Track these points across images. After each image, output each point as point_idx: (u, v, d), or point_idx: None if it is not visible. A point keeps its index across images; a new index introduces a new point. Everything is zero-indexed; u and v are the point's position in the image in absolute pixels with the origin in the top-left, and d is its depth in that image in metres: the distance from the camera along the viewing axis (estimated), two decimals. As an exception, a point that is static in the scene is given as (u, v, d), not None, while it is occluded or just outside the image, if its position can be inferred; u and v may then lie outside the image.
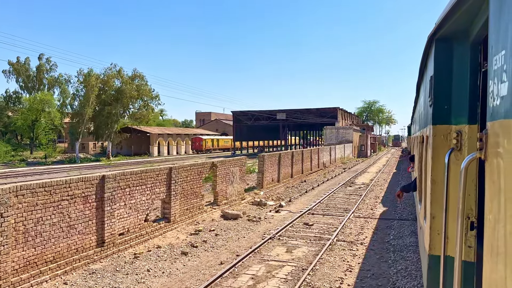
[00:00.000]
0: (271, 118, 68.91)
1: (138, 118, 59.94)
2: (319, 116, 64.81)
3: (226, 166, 15.29)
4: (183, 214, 12.38)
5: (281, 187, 22.10)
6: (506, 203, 1.12)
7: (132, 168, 12.27)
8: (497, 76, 1.25)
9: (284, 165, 22.91)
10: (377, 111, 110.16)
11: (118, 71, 57.45)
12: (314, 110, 66.27)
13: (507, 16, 1.16)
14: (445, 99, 2.94)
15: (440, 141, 3.01)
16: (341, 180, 26.53)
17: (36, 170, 35.09)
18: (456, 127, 2.87)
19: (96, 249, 9.08)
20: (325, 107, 65.31)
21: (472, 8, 2.16)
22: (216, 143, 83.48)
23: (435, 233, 3.11)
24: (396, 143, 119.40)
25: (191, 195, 12.83)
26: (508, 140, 1.12)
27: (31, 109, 52.80)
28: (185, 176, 12.45)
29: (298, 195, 19.78)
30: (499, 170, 1.22)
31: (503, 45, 1.19)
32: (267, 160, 19.97)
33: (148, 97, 59.93)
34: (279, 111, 67.93)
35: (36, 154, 57.42)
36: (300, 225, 13.17)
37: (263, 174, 19.39)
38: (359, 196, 19.53)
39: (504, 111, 1.15)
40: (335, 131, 52.43)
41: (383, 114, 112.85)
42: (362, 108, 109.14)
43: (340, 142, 51.09)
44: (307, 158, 28.42)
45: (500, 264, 1.15)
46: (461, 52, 2.83)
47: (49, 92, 58.21)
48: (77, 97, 53.70)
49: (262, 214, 14.93)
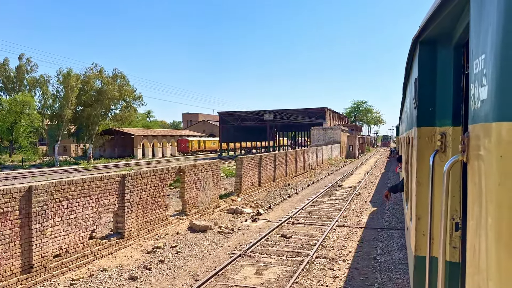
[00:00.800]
0: (258, 119, 67.33)
1: (120, 120, 58.07)
2: (306, 117, 63.47)
3: (196, 171, 13.71)
4: (141, 228, 10.77)
5: (262, 192, 20.58)
6: (487, 205, 1.14)
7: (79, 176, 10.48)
8: (478, 79, 1.27)
9: (266, 168, 21.40)
10: (365, 111, 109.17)
11: (99, 71, 55.54)
12: (302, 110, 64.86)
13: (486, 21, 1.18)
14: (430, 101, 2.95)
15: (424, 143, 3.02)
16: (327, 183, 25.13)
17: (7, 175, 32.98)
18: (440, 129, 2.89)
19: (21, 276, 7.43)
20: (312, 107, 63.97)
21: (454, 12, 2.15)
22: (203, 145, 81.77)
23: (421, 234, 3.11)
24: (384, 143, 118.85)
25: (152, 205, 11.24)
26: (489, 143, 1.15)
27: (10, 111, 50.52)
28: (144, 184, 10.84)
29: (279, 201, 18.29)
30: (480, 172, 1.26)
31: (483, 49, 1.22)
32: (246, 163, 18.43)
33: (131, 98, 58.11)
34: (266, 112, 66.39)
35: (15, 157, 55.25)
36: (277, 237, 11.67)
37: (241, 178, 17.84)
38: (345, 201, 18.12)
39: (485, 114, 1.18)
40: (322, 131, 51.12)
41: (371, 114, 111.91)
42: (351, 108, 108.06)
43: (328, 143, 49.79)
44: (292, 160, 26.96)
45: (482, 265, 1.18)
46: (444, 55, 2.84)
47: (29, 93, 55.81)
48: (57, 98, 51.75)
49: (236, 224, 13.40)
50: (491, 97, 1.10)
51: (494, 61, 1.08)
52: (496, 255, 1.05)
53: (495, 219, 1.06)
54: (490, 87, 1.11)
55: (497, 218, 1.05)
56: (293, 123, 66.62)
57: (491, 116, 1.10)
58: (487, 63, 1.14)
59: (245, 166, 18.29)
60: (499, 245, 1.03)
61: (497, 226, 1.05)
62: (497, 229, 1.05)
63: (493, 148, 1.10)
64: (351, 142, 56.47)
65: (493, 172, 1.09)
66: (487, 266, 1.12)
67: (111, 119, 57.81)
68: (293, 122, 65.60)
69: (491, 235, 1.08)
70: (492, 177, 1.10)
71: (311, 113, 63.21)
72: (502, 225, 1.03)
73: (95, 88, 54.53)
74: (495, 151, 1.08)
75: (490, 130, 1.11)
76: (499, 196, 1.05)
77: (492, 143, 1.10)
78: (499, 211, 1.04)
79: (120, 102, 58.20)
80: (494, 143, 1.09)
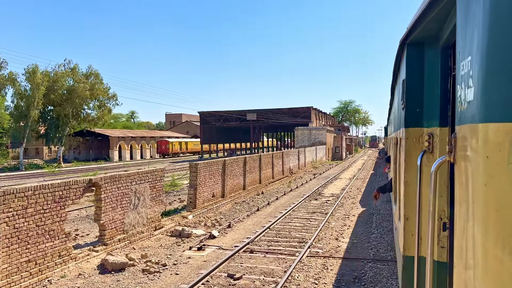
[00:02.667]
0: (241, 119, 63.91)
1: (91, 120, 54.31)
2: (292, 117, 60.32)
3: (122, 184, 10.32)
4: (17, 271, 7.38)
5: (227, 204, 17.24)
6: (474, 205, 1.15)
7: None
8: (464, 81, 1.28)
9: (233, 175, 18.07)
10: (353, 112, 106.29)
11: (73, 68, 51.66)
12: (286, 110, 61.68)
13: (472, 23, 1.17)
14: (417, 102, 2.96)
15: (412, 144, 3.05)
16: (307, 190, 21.94)
17: None
18: (428, 130, 2.90)
19: None
20: (297, 107, 60.81)
21: (441, 14, 2.17)
22: (185, 146, 78.21)
23: (409, 234, 3.12)
24: (373, 144, 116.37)
25: (40, 236, 7.85)
26: (475, 143, 1.15)
27: (-27, 112, 46.34)
28: (23, 206, 7.45)
29: (245, 216, 15.00)
30: (467, 173, 1.26)
31: (469, 51, 1.21)
32: (203, 170, 15.06)
33: (104, 97, 54.36)
34: (249, 111, 62.98)
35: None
36: (222, 278, 8.37)
37: (196, 189, 14.46)
38: (323, 216, 14.91)
39: (471, 115, 1.18)
40: (307, 132, 48.02)
41: (359, 114, 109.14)
42: (338, 108, 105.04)
43: (312, 144, 46.72)
44: (268, 164, 23.68)
45: (469, 263, 1.18)
46: (432, 57, 2.86)
47: (-1, 92, 51.47)
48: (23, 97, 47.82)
49: (174, 255, 10.05)
50: (478, 99, 1.11)
51: (480, 63, 1.09)
52: (483, 254, 1.06)
53: (482, 219, 1.08)
54: (476, 89, 1.12)
55: (483, 218, 1.07)
56: (278, 123, 63.42)
57: (477, 117, 1.11)
58: (473, 64, 1.15)
59: (202, 174, 14.93)
60: (486, 244, 1.04)
61: (484, 225, 1.06)
62: (483, 229, 1.06)
63: (480, 148, 1.11)
64: (337, 143, 53.50)
65: (480, 173, 1.10)
66: (474, 265, 1.13)
67: (82, 119, 53.94)
68: (278, 122, 62.39)
69: (478, 234, 1.10)
70: (478, 178, 1.11)
71: (296, 113, 60.07)
72: (488, 225, 1.04)
73: (66, 87, 50.68)
74: (481, 151, 1.09)
75: (476, 131, 1.13)
76: (485, 196, 1.06)
77: (479, 144, 1.11)
78: (486, 211, 1.05)
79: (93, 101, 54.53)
80: (480, 144, 1.10)
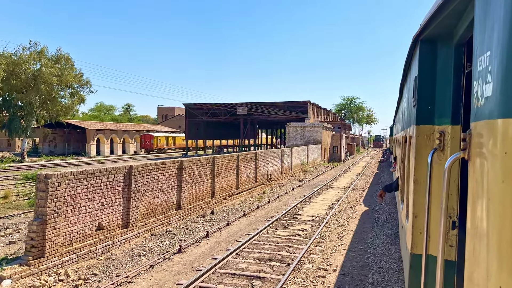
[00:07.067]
0: (230, 113, 57.52)
1: (60, 110, 48.20)
2: (287, 111, 53.87)
3: None
4: None
5: (133, 238, 10.97)
6: (489, 203, 1.13)
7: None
8: (482, 77, 1.26)
9: (152, 189, 11.78)
10: (356, 109, 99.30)
11: (40, 51, 45.46)
12: (281, 104, 55.10)
13: (492, 17, 1.16)
14: (429, 99, 2.94)
15: (423, 141, 3.02)
16: (280, 208, 15.64)
17: None
18: (439, 128, 2.88)
19: None
20: (293, 101, 54.13)
21: (457, 10, 2.14)
22: (172, 142, 71.94)
23: (417, 232, 3.10)
24: (377, 144, 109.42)
25: None
26: (493, 139, 1.13)
27: None
28: None
29: (144, 269, 8.78)
30: (483, 170, 1.23)
31: (488, 46, 1.19)
32: (70, 184, 8.76)
33: (75, 83, 48.17)
34: (240, 105, 56.56)
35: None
36: None
37: (45, 224, 8.05)
38: (284, 268, 8.62)
39: (489, 111, 1.16)
40: (300, 128, 41.61)
41: (363, 112, 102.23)
42: (341, 105, 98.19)
43: (307, 143, 40.39)
44: (229, 170, 17.34)
45: (482, 263, 1.16)
46: (445, 54, 2.84)
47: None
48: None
49: None
50: (496, 94, 1.09)
51: (500, 58, 1.07)
52: (498, 252, 1.03)
53: (498, 216, 1.05)
54: (495, 84, 1.10)
55: (499, 215, 1.04)
56: (272, 118, 56.95)
57: (496, 113, 1.09)
58: (493, 60, 1.13)
59: (68, 191, 8.61)
60: (502, 242, 1.02)
61: (500, 223, 1.03)
62: (499, 226, 1.04)
63: (498, 145, 1.08)
64: (336, 142, 47.07)
65: (497, 169, 1.07)
66: (487, 264, 1.10)
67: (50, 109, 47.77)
68: (273, 117, 55.90)
69: (493, 232, 1.07)
70: (495, 174, 1.08)
71: (291, 107, 53.50)
72: (505, 222, 1.02)
73: (31, 71, 44.52)
74: (499, 147, 1.07)
75: (494, 127, 1.10)
76: (502, 193, 1.03)
77: (497, 140, 1.09)
78: (503, 208, 1.03)
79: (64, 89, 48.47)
80: (499, 140, 1.08)
